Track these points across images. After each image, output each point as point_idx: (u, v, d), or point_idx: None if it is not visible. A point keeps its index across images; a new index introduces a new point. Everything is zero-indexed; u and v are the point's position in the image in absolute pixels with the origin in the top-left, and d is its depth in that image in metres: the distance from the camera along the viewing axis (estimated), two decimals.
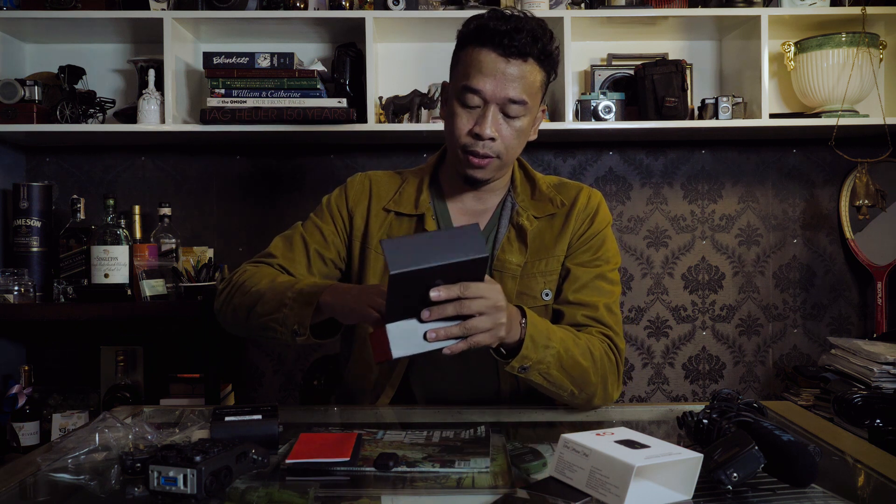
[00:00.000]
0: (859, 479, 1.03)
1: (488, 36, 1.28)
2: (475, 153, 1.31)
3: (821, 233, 2.53)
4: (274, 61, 2.21)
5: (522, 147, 1.38)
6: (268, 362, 2.48)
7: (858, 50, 2.24)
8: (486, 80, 1.28)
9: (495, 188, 1.43)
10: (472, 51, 1.31)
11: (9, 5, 2.21)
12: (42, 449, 1.12)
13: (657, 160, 2.52)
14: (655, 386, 2.53)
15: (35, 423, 2.07)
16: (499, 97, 1.29)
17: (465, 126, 1.31)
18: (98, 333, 2.34)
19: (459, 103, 1.32)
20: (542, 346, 1.19)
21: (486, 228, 1.43)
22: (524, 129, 1.34)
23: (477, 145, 1.31)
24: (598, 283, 1.39)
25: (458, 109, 1.32)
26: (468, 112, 1.31)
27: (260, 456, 0.99)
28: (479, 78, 1.29)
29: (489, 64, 1.28)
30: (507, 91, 1.28)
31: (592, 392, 1.28)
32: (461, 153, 1.33)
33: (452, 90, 1.35)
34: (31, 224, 2.20)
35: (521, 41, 1.27)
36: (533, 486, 0.93)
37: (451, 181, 1.44)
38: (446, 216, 1.44)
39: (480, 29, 1.30)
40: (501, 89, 1.28)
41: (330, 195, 1.49)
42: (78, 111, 2.20)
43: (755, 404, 1.12)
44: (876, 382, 1.96)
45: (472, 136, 1.31)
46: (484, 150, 1.31)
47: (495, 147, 1.31)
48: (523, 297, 1.38)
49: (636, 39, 2.45)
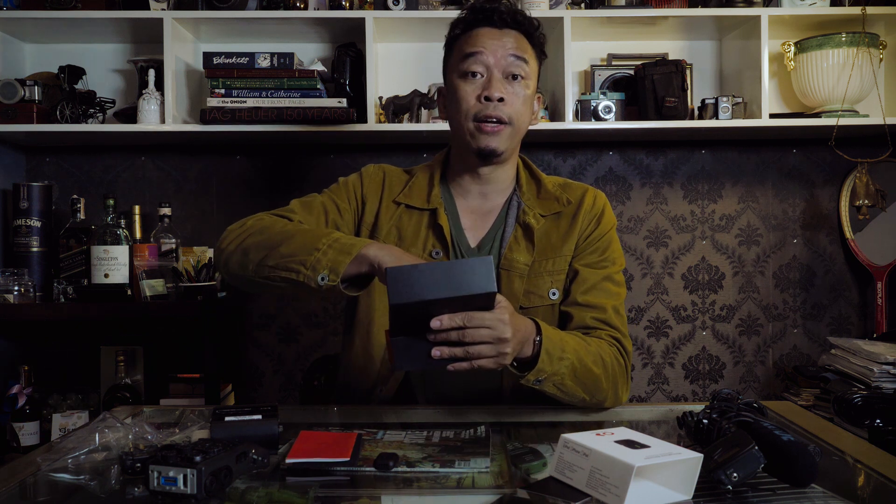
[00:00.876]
0: (859, 479, 1.03)
1: (479, 17, 1.37)
2: (487, 118, 1.33)
3: (821, 233, 2.53)
4: (274, 61, 2.21)
5: (528, 122, 1.40)
6: (268, 362, 2.48)
7: (858, 50, 2.24)
8: (486, 46, 1.35)
9: (501, 185, 1.44)
10: (465, 35, 1.38)
11: (9, 5, 2.21)
12: (42, 449, 1.12)
13: (657, 160, 2.52)
14: (655, 386, 2.53)
15: (35, 423, 2.07)
16: (501, 59, 1.34)
17: (473, 94, 1.34)
18: (98, 333, 2.34)
19: (462, 78, 1.36)
20: (556, 358, 1.20)
21: (493, 227, 1.43)
22: (528, 98, 1.37)
23: (488, 108, 1.33)
24: (606, 285, 1.39)
25: (461, 84, 1.36)
26: (472, 83, 1.35)
27: (260, 456, 0.99)
28: (479, 44, 1.35)
29: (486, 35, 1.36)
30: (506, 50, 1.34)
31: (603, 398, 1.30)
32: (472, 124, 1.34)
33: (451, 73, 1.39)
34: (31, 224, 2.21)
35: (511, 13, 1.36)
36: (533, 486, 0.93)
37: (459, 180, 1.44)
38: (455, 215, 1.44)
39: (470, 13, 1.38)
40: (501, 50, 1.34)
41: (346, 177, 1.49)
42: (78, 111, 2.20)
43: (755, 404, 1.12)
44: (876, 382, 1.96)
45: (481, 101, 1.33)
46: (496, 111, 1.33)
47: (506, 110, 1.34)
48: (531, 295, 1.38)
49: (636, 39, 2.45)
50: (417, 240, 1.41)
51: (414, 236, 1.41)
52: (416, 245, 1.40)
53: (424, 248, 1.40)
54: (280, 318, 2.48)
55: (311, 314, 2.48)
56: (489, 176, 1.42)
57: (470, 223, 1.44)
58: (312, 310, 2.48)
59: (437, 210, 1.41)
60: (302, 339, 2.48)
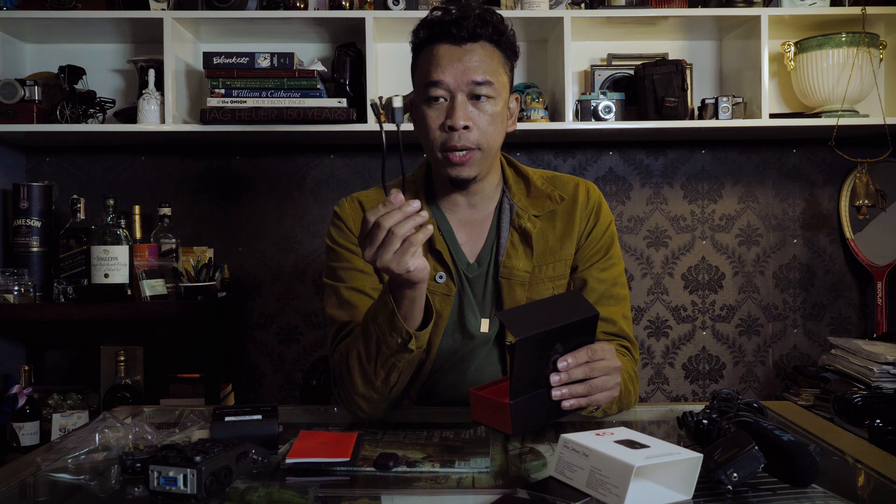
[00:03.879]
0: (859, 479, 1.03)
1: (436, 31, 1.28)
2: (453, 148, 1.27)
3: (821, 233, 2.53)
4: (274, 61, 2.21)
5: (501, 136, 1.33)
6: (268, 362, 2.49)
7: (858, 50, 2.24)
8: (446, 70, 1.26)
9: (488, 192, 1.38)
10: (425, 51, 1.30)
11: (9, 5, 2.21)
12: (42, 449, 1.12)
13: (657, 160, 2.52)
14: (655, 386, 2.53)
15: (35, 423, 2.07)
16: (462, 83, 1.26)
17: (437, 122, 1.28)
18: (98, 333, 2.34)
19: (426, 104, 1.29)
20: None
21: (488, 238, 1.39)
22: (497, 114, 1.29)
23: (453, 138, 1.26)
24: (614, 291, 1.38)
25: (426, 111, 1.29)
26: (436, 110, 1.28)
27: (260, 456, 0.99)
28: (439, 70, 1.27)
29: (444, 55, 1.27)
30: (468, 75, 1.26)
31: (622, 407, 1.30)
32: (440, 154, 1.29)
33: (418, 94, 1.33)
34: (31, 224, 2.20)
35: (469, 26, 1.26)
36: (533, 486, 0.93)
37: (443, 194, 1.39)
38: (449, 232, 1.38)
39: (427, 27, 1.30)
40: (462, 74, 1.26)
41: (330, 235, 1.40)
42: (78, 111, 2.20)
43: (755, 404, 1.12)
44: (876, 382, 1.96)
45: (446, 131, 1.27)
46: (461, 142, 1.26)
47: (472, 137, 1.27)
48: None
49: (636, 39, 2.45)
50: None
51: None
52: None
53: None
54: (280, 318, 2.48)
55: (311, 314, 2.48)
56: (472, 188, 1.36)
57: (465, 237, 1.39)
58: (312, 310, 2.48)
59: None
60: (302, 339, 2.48)
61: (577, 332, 1.05)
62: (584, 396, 1.05)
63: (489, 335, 1.37)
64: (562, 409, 1.05)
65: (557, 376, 1.03)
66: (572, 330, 1.03)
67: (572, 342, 1.05)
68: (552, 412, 1.05)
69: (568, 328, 1.02)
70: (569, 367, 1.03)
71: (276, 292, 2.48)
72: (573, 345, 1.06)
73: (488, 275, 1.37)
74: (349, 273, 1.34)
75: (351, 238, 1.37)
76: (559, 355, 1.04)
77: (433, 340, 1.34)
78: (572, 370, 1.04)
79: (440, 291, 1.34)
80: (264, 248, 2.48)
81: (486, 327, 1.37)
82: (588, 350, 1.05)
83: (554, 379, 1.03)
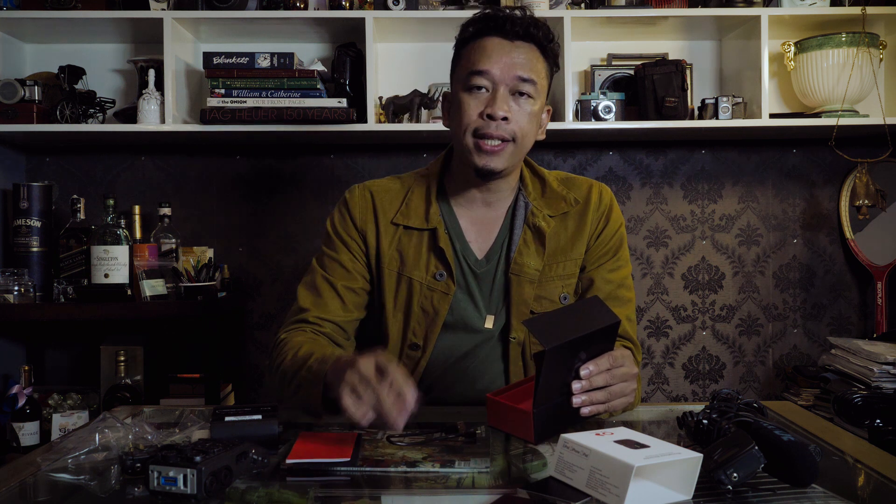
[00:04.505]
0: (859, 479, 1.03)
1: (490, 24, 1.30)
2: (487, 136, 1.27)
3: (821, 233, 2.53)
4: (274, 61, 2.21)
5: (533, 138, 1.35)
6: (268, 362, 2.48)
7: (858, 50, 2.24)
8: (494, 62, 1.28)
9: (505, 192, 1.39)
10: (474, 43, 1.31)
11: (9, 5, 2.21)
12: (42, 449, 1.12)
13: (657, 160, 2.52)
14: (655, 386, 2.53)
15: (35, 423, 2.07)
16: (508, 77, 1.28)
17: (476, 109, 1.29)
18: (98, 333, 2.34)
19: (466, 91, 1.30)
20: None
21: (499, 235, 1.39)
22: (534, 114, 1.32)
23: (490, 126, 1.27)
24: (620, 293, 1.39)
25: (464, 98, 1.30)
26: (476, 98, 1.29)
27: (260, 456, 0.99)
28: (487, 60, 1.28)
29: (495, 47, 1.29)
30: (514, 70, 1.28)
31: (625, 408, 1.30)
32: (472, 140, 1.29)
33: (457, 84, 1.33)
34: (31, 224, 2.20)
35: (523, 24, 1.29)
36: (533, 486, 0.93)
37: (459, 189, 1.39)
38: (457, 228, 1.39)
39: (480, 21, 1.31)
40: (510, 69, 1.28)
41: (332, 219, 1.41)
42: (78, 111, 2.20)
43: (755, 404, 1.12)
44: (876, 382, 1.96)
45: (483, 119, 1.28)
46: (498, 131, 1.27)
47: (509, 128, 1.28)
48: (542, 301, 1.37)
49: (636, 39, 2.45)
50: (419, 262, 1.36)
51: (416, 259, 1.36)
52: (419, 268, 1.36)
53: (427, 271, 1.35)
54: (280, 319, 2.48)
55: None
56: (492, 185, 1.37)
57: (475, 234, 1.39)
58: None
59: (436, 230, 1.36)
60: None
61: (600, 339, 1.06)
62: (603, 403, 1.07)
63: (493, 331, 1.38)
64: (579, 415, 1.06)
65: (579, 383, 1.04)
66: (596, 337, 1.04)
67: (595, 349, 1.06)
68: (570, 418, 1.06)
69: (592, 336, 1.03)
70: (591, 375, 1.05)
71: (276, 292, 2.48)
72: (595, 352, 1.07)
73: (497, 271, 1.38)
74: (332, 264, 1.38)
75: (350, 228, 1.39)
76: (582, 362, 1.05)
77: (429, 338, 1.36)
78: (594, 377, 1.05)
79: (439, 290, 1.35)
80: (264, 248, 2.48)
81: (491, 323, 1.37)
82: (609, 357, 1.07)
83: (576, 386, 1.04)
